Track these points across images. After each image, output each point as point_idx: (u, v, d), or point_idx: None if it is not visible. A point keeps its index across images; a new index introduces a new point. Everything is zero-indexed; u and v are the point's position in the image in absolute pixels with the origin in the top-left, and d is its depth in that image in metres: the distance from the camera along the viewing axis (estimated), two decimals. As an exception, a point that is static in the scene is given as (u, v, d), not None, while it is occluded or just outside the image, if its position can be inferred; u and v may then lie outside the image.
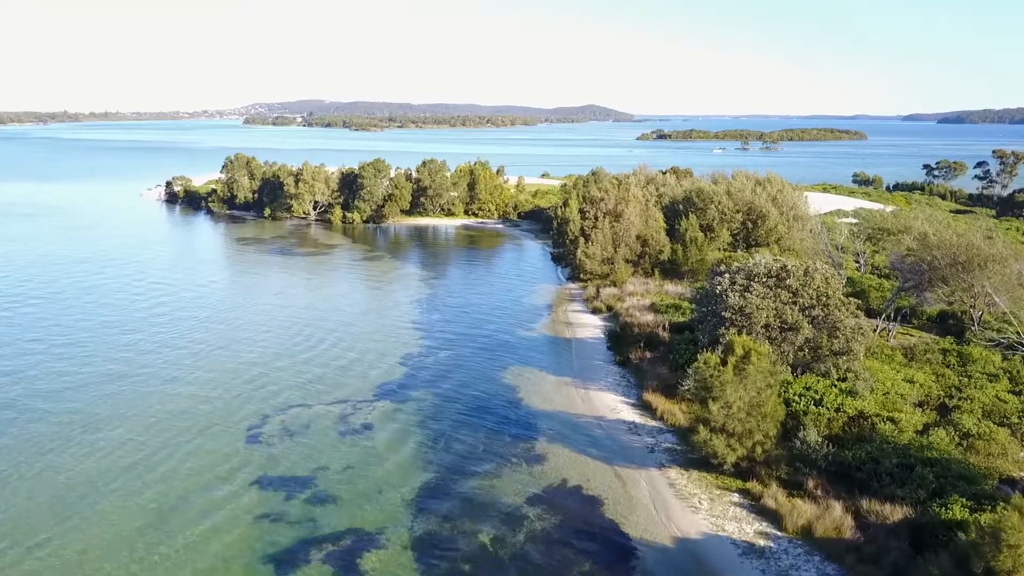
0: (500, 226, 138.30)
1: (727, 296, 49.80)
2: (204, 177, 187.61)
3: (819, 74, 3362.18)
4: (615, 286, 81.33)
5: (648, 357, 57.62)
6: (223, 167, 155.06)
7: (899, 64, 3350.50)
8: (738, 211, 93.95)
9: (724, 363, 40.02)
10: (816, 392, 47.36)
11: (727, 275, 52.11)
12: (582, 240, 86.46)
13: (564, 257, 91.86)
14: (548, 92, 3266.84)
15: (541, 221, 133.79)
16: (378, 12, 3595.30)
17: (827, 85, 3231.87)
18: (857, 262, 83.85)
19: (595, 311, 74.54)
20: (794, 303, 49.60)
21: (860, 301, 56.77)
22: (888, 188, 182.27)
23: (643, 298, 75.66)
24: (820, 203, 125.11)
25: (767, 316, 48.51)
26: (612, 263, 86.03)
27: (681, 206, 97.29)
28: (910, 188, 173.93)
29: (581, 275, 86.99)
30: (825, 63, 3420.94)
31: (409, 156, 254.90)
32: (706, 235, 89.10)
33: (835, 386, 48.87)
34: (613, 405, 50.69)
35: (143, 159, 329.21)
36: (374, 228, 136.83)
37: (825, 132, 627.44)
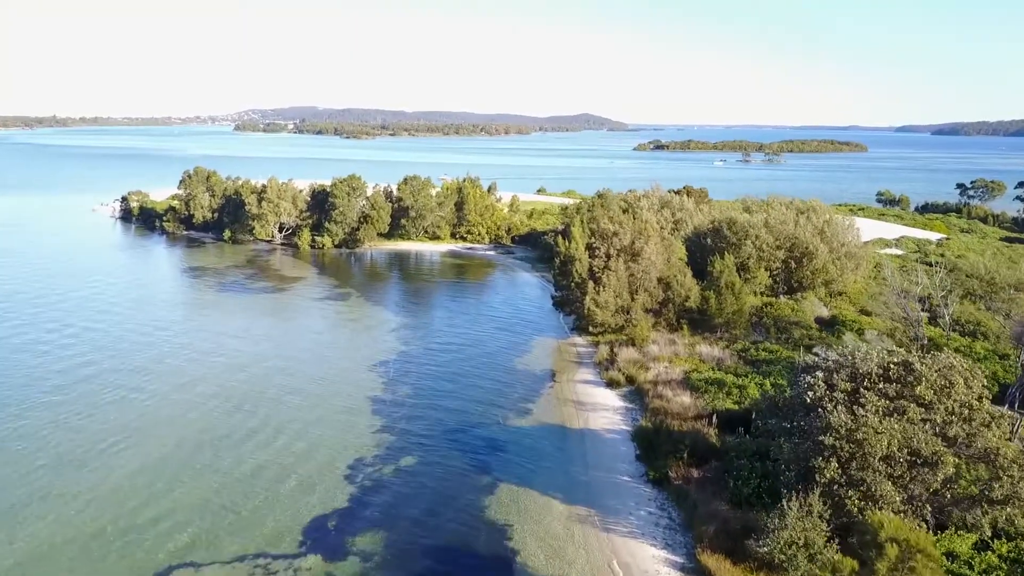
0: (491, 252, 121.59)
1: (827, 411, 33.16)
2: (169, 191, 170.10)
3: (812, 84, 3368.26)
4: (634, 345, 64.78)
5: (696, 476, 40.94)
6: (181, 182, 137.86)
7: (892, 75, 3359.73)
8: (779, 247, 77.60)
9: (863, 567, 23.42)
10: (971, 570, 30.82)
11: (820, 372, 35.49)
12: (591, 284, 69.84)
13: (569, 302, 75.14)
14: (542, 101, 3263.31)
15: (538, 247, 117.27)
16: (373, 19, 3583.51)
17: (820, 95, 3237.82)
18: (927, 311, 67.34)
19: (611, 384, 57.80)
20: (924, 420, 33.12)
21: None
22: (917, 208, 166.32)
23: (672, 365, 59.08)
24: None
25: (889, 444, 31.96)
26: (628, 312, 69.51)
27: (709, 240, 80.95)
28: (944, 210, 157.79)
29: (590, 327, 70.40)
30: (818, 74, 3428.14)
31: (398, 167, 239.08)
32: (740, 276, 72.74)
33: (989, 548, 32.45)
34: (654, 569, 33.92)
35: (114, 168, 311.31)
36: (347, 254, 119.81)
37: (826, 144, 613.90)
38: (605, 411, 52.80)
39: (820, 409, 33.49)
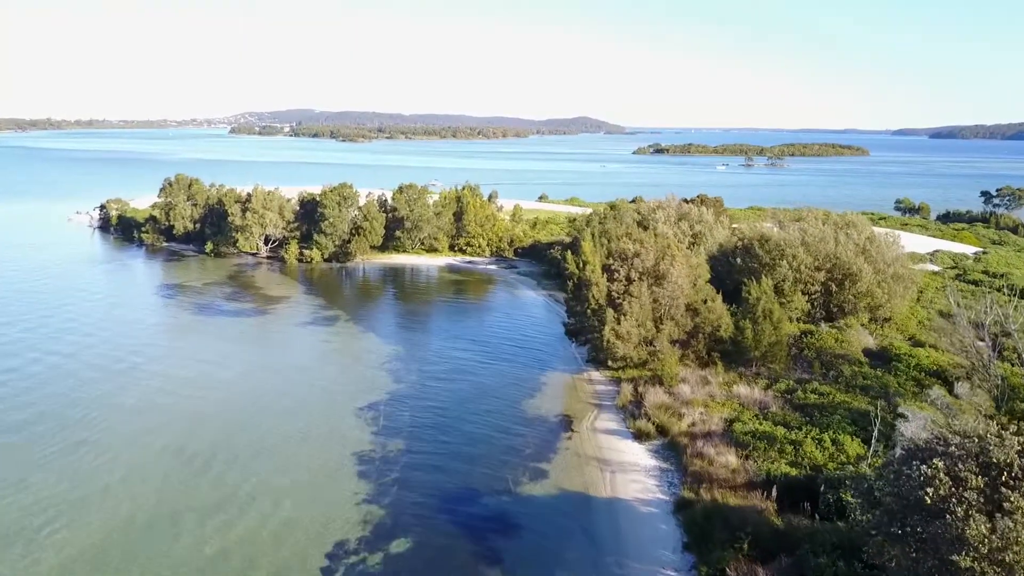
0: (493, 266, 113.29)
1: (957, 519, 24.85)
2: (153, 198, 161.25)
3: (809, 88, 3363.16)
4: (661, 383, 56.52)
5: (762, 577, 32.57)
6: (161, 190, 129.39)
7: (888, 78, 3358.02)
8: (819, 268, 69.46)
9: None
10: None
11: (941, 460, 27.13)
12: (610, 312, 61.49)
13: (583, 331, 66.80)
14: (539, 103, 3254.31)
15: (543, 261, 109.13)
16: (371, 22, 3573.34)
17: (817, 99, 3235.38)
18: (991, 345, 59.06)
19: (639, 435, 49.43)
20: (1087, 529, 24.82)
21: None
22: (939, 217, 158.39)
23: (708, 411, 50.83)
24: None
25: (1047, 566, 23.67)
26: (652, 344, 61.21)
27: (738, 259, 72.77)
28: (968, 219, 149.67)
29: (609, 361, 62.11)
30: (815, 77, 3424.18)
31: (394, 171, 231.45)
32: (776, 299, 64.50)
33: None
34: None
35: (100, 172, 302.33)
36: (338, 269, 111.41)
37: (827, 147, 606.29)
38: (635, 472, 44.45)
39: (950, 517, 25.17)
